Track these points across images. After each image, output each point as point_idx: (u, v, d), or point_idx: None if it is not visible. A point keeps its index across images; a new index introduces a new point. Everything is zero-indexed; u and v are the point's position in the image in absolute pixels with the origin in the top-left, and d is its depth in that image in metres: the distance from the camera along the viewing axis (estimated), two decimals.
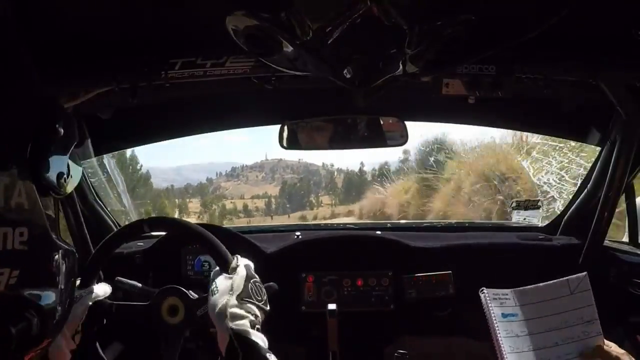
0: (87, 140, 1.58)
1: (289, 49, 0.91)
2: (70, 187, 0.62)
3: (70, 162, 0.64)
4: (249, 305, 0.96)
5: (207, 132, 1.85)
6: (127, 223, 1.44)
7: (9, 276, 0.50)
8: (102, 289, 1.23)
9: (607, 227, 1.57)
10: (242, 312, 0.94)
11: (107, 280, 1.48)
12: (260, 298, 0.99)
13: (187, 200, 26.66)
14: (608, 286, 1.55)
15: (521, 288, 1.00)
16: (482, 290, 1.00)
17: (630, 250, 1.60)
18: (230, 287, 0.98)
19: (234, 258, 1.08)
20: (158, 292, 1.29)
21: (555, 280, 1.00)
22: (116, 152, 3.19)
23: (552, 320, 0.96)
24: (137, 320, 1.26)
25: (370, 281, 1.62)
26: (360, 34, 0.86)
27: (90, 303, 1.16)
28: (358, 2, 0.78)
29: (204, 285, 1.50)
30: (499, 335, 0.94)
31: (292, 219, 23.59)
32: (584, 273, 1.00)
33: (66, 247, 0.62)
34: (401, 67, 0.98)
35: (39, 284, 0.55)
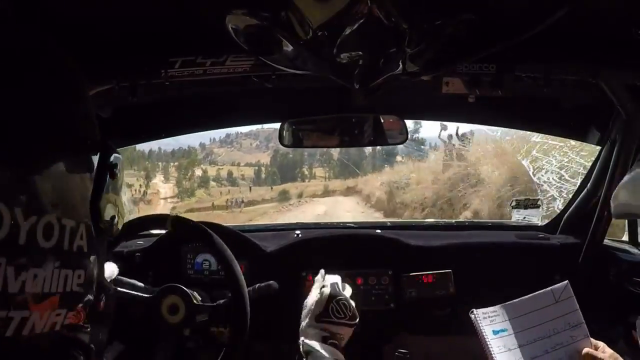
0: None
1: (288, 47, 0.91)
2: (119, 228, 0.64)
3: (119, 203, 0.65)
4: (325, 324, 1.05)
5: (206, 130, 1.85)
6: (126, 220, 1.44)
7: (64, 317, 0.52)
8: (109, 269, 1.22)
9: (606, 226, 1.58)
10: (315, 330, 1.04)
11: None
12: (342, 315, 1.07)
13: (171, 164, 25.76)
14: (607, 285, 1.56)
15: (508, 303, 1.03)
16: (472, 311, 1.02)
17: (630, 250, 1.60)
18: (311, 307, 1.08)
19: (319, 274, 1.17)
20: (159, 291, 1.29)
21: (539, 292, 1.03)
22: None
23: (540, 330, 0.99)
24: (137, 318, 1.26)
25: (370, 280, 1.62)
26: (360, 33, 0.86)
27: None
28: (358, 2, 0.78)
29: (204, 284, 1.51)
30: (493, 353, 0.97)
31: (275, 192, 22.48)
32: (566, 282, 1.03)
33: (110, 288, 0.65)
34: (401, 66, 0.98)
35: (88, 324, 0.57)
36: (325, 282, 1.11)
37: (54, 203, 0.49)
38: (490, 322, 1.00)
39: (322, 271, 1.16)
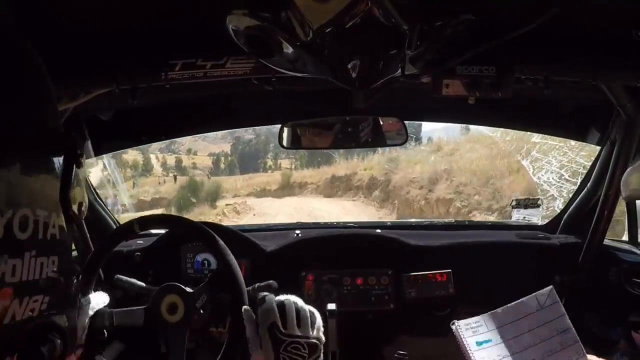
0: (87, 140, 1.59)
1: (289, 50, 0.91)
2: (84, 214, 0.67)
3: (84, 190, 0.69)
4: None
5: (206, 132, 1.86)
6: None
7: (41, 302, 0.55)
8: (100, 298, 1.24)
9: (606, 226, 1.58)
10: None
11: (106, 278, 1.49)
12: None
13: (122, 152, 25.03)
14: (607, 285, 1.56)
15: (491, 312, 1.01)
16: (453, 322, 1.00)
17: (630, 250, 1.60)
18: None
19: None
20: (157, 290, 1.29)
21: (523, 299, 1.01)
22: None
23: (527, 338, 0.97)
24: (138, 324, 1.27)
25: (370, 280, 1.62)
26: (360, 35, 0.86)
27: (91, 313, 1.17)
28: (358, 2, 0.78)
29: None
30: None
31: (236, 182, 21.92)
32: (550, 287, 1.02)
33: (78, 270, 0.69)
34: (401, 67, 0.98)
35: (63, 307, 0.60)
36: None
37: (27, 196, 0.52)
38: (473, 333, 0.98)
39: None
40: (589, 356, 0.96)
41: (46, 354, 0.57)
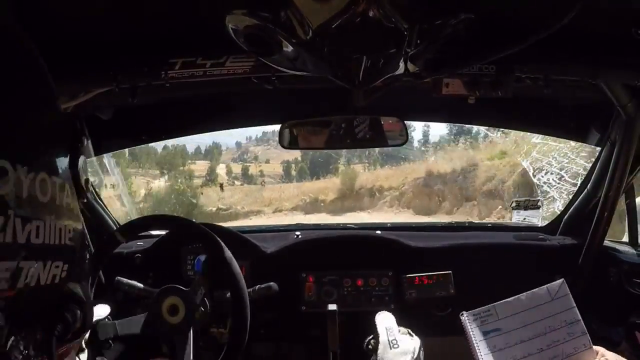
0: (87, 140, 1.58)
1: (288, 48, 0.91)
2: (90, 190, 0.71)
3: (90, 167, 0.73)
4: None
5: (207, 131, 1.85)
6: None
7: (62, 269, 0.57)
8: (102, 310, 1.25)
9: (607, 227, 1.57)
10: None
11: (107, 280, 1.49)
12: None
13: (191, 162, 23.07)
14: (608, 286, 1.55)
15: (502, 301, 1.02)
16: (462, 314, 1.02)
17: (630, 250, 1.59)
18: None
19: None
20: (158, 292, 1.29)
21: (534, 290, 1.02)
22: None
23: (535, 328, 0.98)
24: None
25: (371, 281, 1.62)
26: (360, 34, 0.86)
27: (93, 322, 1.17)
28: (358, 2, 0.78)
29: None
30: (480, 355, 0.97)
31: (284, 191, 18.25)
32: (562, 279, 1.02)
33: (90, 246, 0.72)
34: (402, 66, 0.98)
35: (80, 278, 0.62)
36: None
37: (44, 161, 0.55)
38: (481, 322, 1.00)
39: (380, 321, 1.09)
40: (596, 347, 0.97)
41: (70, 321, 0.60)
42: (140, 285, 1.39)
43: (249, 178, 23.64)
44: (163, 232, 1.69)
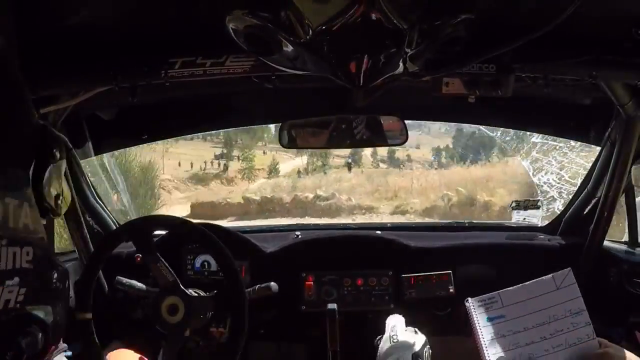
0: (87, 140, 1.59)
1: (288, 48, 0.91)
2: (64, 208, 0.66)
3: (63, 184, 0.68)
4: None
5: (207, 130, 1.87)
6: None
7: (17, 293, 0.54)
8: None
9: (607, 227, 1.57)
10: None
11: (107, 280, 1.49)
12: None
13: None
14: (608, 286, 1.55)
15: (508, 288, 1.02)
16: (467, 299, 1.02)
17: (630, 250, 1.59)
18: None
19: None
20: (158, 292, 1.29)
21: (541, 278, 1.02)
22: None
23: (539, 316, 0.98)
24: (137, 319, 1.27)
25: (370, 281, 1.62)
26: (360, 34, 0.86)
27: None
28: (358, 2, 0.78)
29: (204, 285, 1.51)
30: (483, 341, 0.97)
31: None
32: (569, 268, 1.02)
33: (62, 266, 0.66)
34: (402, 66, 0.98)
35: (42, 300, 0.59)
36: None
37: None
38: (485, 309, 1.00)
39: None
40: (599, 339, 0.97)
41: (24, 346, 0.56)
42: (140, 285, 1.39)
43: (394, 162, 21.73)
44: (162, 232, 1.69)
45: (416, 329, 1.06)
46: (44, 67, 1.01)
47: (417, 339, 1.03)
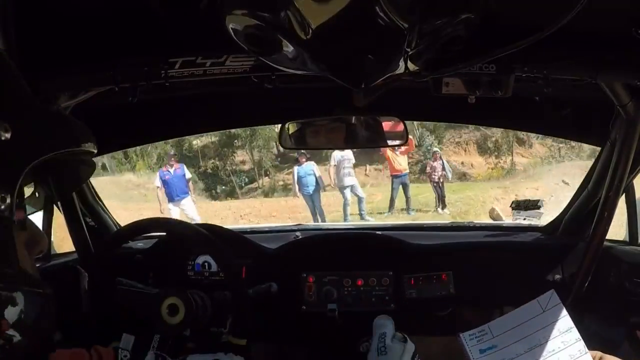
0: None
1: (288, 48, 0.91)
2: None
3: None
4: None
5: (207, 131, 1.87)
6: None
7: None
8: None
9: (607, 227, 1.57)
10: None
11: (107, 280, 1.49)
12: None
13: None
14: (608, 286, 1.55)
15: (496, 320, 1.04)
16: (458, 334, 1.03)
17: (630, 250, 1.59)
18: None
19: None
20: (159, 292, 1.29)
21: (526, 304, 1.04)
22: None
23: (530, 340, 1.00)
24: (137, 319, 1.27)
25: (371, 281, 1.62)
26: (360, 34, 0.86)
27: None
28: (358, 2, 0.78)
29: (204, 285, 1.51)
30: None
31: None
32: (551, 290, 1.04)
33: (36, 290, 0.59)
34: (402, 66, 0.98)
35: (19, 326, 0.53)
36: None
37: None
38: (477, 341, 1.01)
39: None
40: (593, 352, 0.98)
41: None
42: (141, 285, 1.39)
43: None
44: (162, 233, 1.70)
45: (406, 335, 1.03)
46: (43, 67, 1.01)
47: (406, 349, 0.99)
